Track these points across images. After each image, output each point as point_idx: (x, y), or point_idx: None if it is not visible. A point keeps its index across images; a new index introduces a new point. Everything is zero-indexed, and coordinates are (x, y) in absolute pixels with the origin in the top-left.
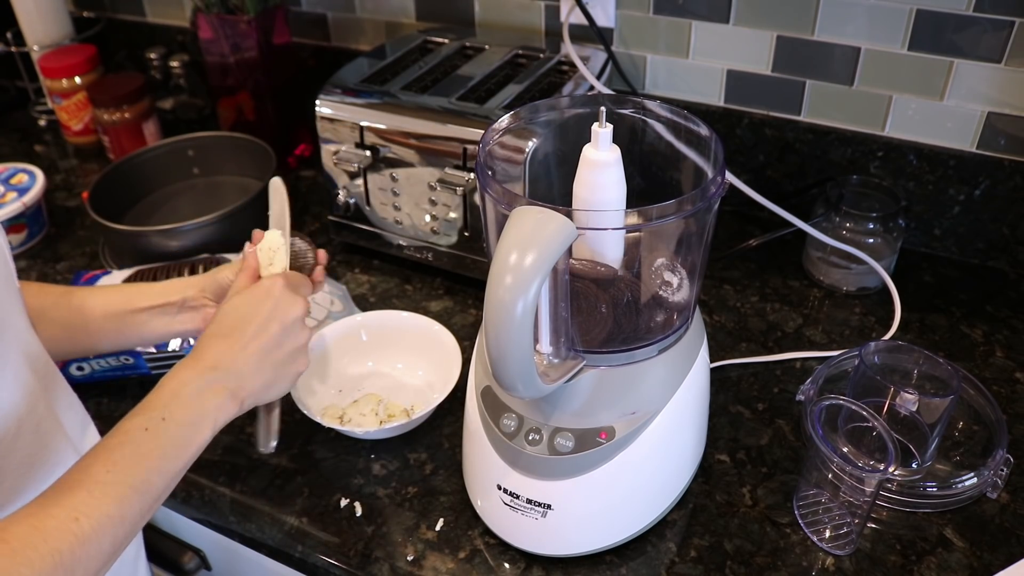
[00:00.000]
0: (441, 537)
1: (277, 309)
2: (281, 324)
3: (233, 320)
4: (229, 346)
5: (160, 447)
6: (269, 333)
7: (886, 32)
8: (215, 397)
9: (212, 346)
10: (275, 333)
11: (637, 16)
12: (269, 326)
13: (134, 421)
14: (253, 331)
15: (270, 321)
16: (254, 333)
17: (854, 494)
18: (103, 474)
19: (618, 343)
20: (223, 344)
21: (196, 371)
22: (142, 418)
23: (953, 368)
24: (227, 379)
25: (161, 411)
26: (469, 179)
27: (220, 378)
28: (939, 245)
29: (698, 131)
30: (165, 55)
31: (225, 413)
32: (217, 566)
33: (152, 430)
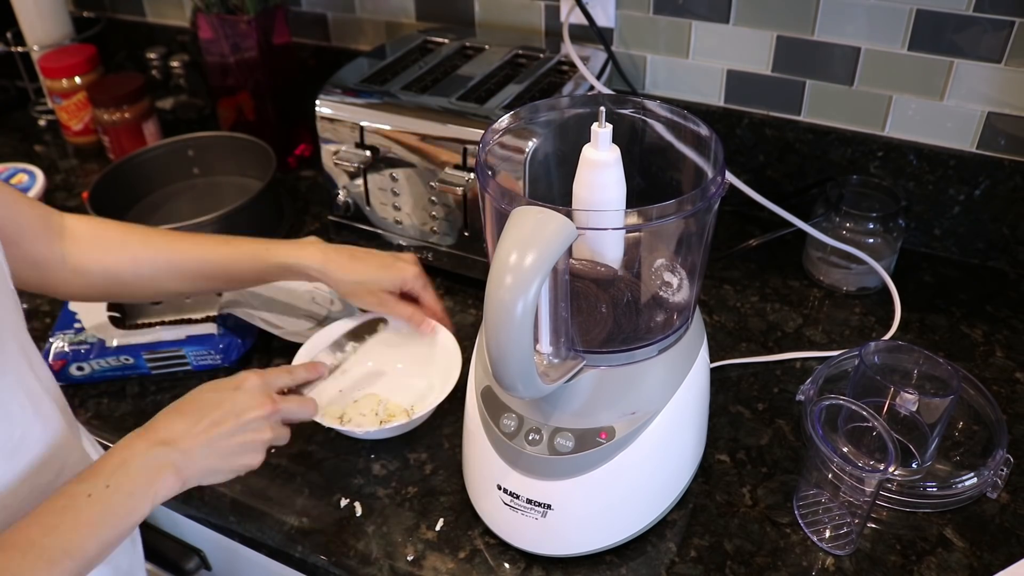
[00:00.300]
0: (441, 537)
1: (238, 404)
2: (237, 419)
3: (197, 404)
4: (184, 426)
5: (99, 515)
6: (225, 425)
7: (886, 32)
8: (160, 471)
9: (169, 422)
10: (230, 426)
11: (637, 16)
12: (226, 419)
13: (80, 486)
14: (211, 420)
15: (228, 415)
16: (211, 422)
17: (854, 494)
18: (40, 537)
19: (618, 343)
20: (179, 423)
21: (147, 443)
22: (88, 484)
23: (953, 368)
24: (174, 456)
25: (106, 478)
26: (469, 179)
27: (168, 454)
28: (939, 245)
29: (698, 131)
30: (165, 55)
31: (166, 488)
32: (217, 566)
33: (95, 497)
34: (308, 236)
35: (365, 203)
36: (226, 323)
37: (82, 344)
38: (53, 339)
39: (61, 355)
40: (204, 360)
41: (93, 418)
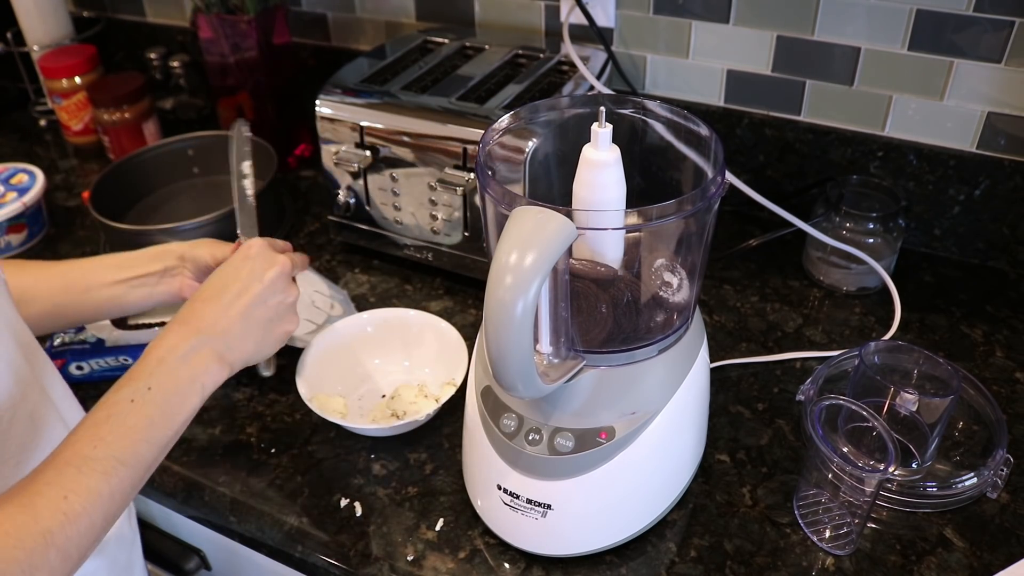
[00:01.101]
0: (441, 537)
1: (256, 268)
2: (261, 282)
3: (215, 284)
4: (212, 309)
5: (147, 417)
6: (251, 292)
7: (886, 32)
8: (202, 362)
9: (196, 310)
10: (257, 291)
11: (637, 16)
12: (251, 285)
13: (120, 393)
14: (235, 292)
15: (252, 280)
16: (236, 293)
17: (854, 494)
18: (90, 450)
19: (618, 343)
20: (207, 307)
21: (181, 335)
22: (128, 389)
23: (953, 368)
24: (214, 342)
25: (147, 380)
26: (469, 179)
27: (206, 341)
28: (939, 245)
29: (698, 131)
30: (165, 55)
31: (213, 378)
32: (217, 566)
33: (138, 401)
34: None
35: (365, 203)
36: None
37: (82, 343)
38: (53, 338)
39: (61, 354)
40: None
41: None
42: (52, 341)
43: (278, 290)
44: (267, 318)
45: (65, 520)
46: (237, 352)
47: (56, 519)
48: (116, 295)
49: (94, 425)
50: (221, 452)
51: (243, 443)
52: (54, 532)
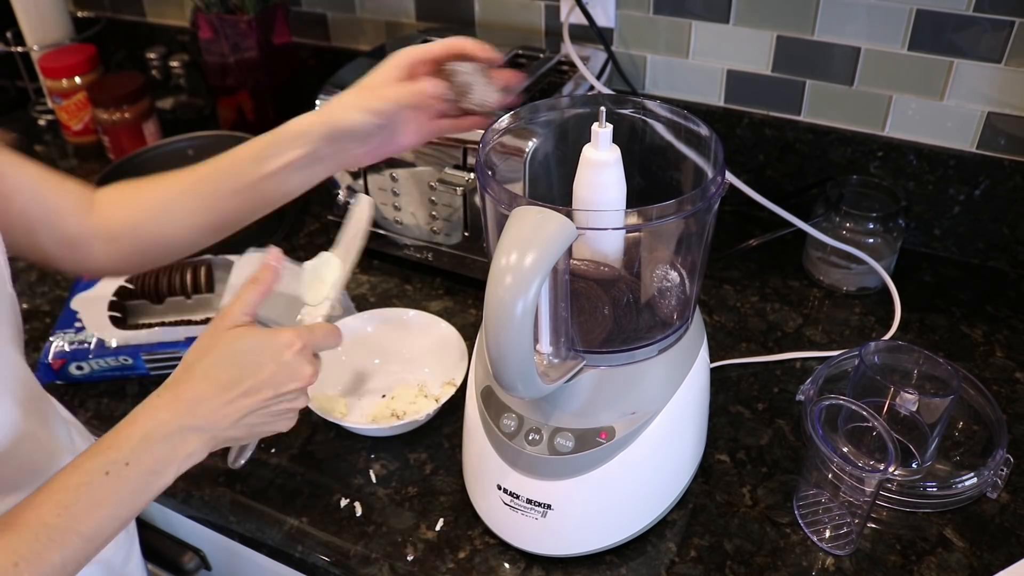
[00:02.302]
0: (441, 537)
1: (279, 376)
2: (275, 392)
3: (233, 364)
4: (215, 395)
5: (117, 494)
6: (261, 396)
7: (886, 32)
8: (186, 448)
9: (199, 388)
10: (266, 398)
11: (637, 16)
12: (263, 390)
13: (97, 460)
14: (245, 389)
15: (265, 386)
16: (245, 391)
17: (854, 494)
18: (53, 517)
19: (618, 343)
20: (210, 391)
21: (174, 413)
22: (104, 458)
23: (953, 368)
24: (204, 430)
25: (127, 454)
26: (469, 179)
27: (196, 427)
28: (939, 245)
29: (698, 131)
30: (165, 55)
31: (191, 461)
32: (217, 566)
33: (113, 475)
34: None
35: None
36: None
37: (82, 343)
38: (53, 338)
39: (61, 354)
40: None
41: (93, 418)
42: (52, 341)
43: (286, 400)
44: (263, 420)
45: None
46: (222, 440)
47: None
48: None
49: (63, 490)
50: (221, 452)
51: None
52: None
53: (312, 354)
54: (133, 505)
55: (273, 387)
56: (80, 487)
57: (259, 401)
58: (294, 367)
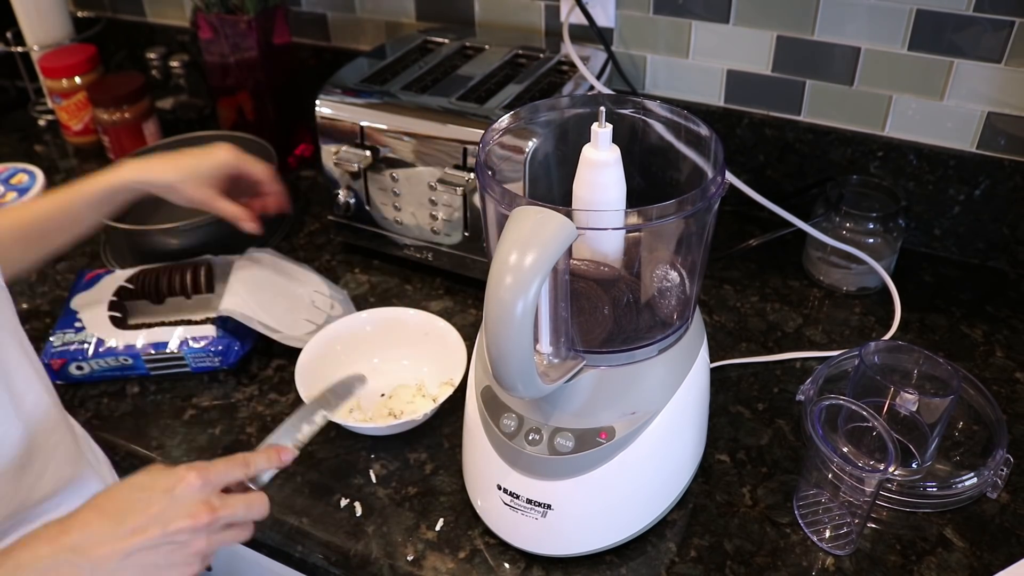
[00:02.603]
0: (441, 537)
1: (167, 512)
2: (163, 530)
3: (122, 503)
4: (101, 530)
5: None
6: (148, 535)
7: (886, 32)
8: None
9: (85, 523)
10: (153, 537)
11: (637, 16)
12: (150, 527)
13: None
14: (132, 526)
15: (153, 523)
16: (132, 528)
17: (854, 494)
18: None
19: (618, 343)
20: (96, 525)
21: (54, 548)
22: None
23: (953, 368)
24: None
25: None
26: (469, 179)
27: (74, 562)
28: (939, 245)
29: (698, 131)
30: (165, 55)
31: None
32: (217, 566)
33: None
34: None
35: (365, 203)
36: (225, 325)
37: (82, 343)
38: (53, 338)
39: (61, 354)
40: (203, 362)
41: (93, 418)
42: (52, 341)
43: (176, 542)
44: (151, 563)
45: None
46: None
47: None
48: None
49: None
50: (221, 452)
51: (243, 443)
52: None
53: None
54: None
55: (160, 524)
56: None
57: (146, 539)
58: (184, 504)
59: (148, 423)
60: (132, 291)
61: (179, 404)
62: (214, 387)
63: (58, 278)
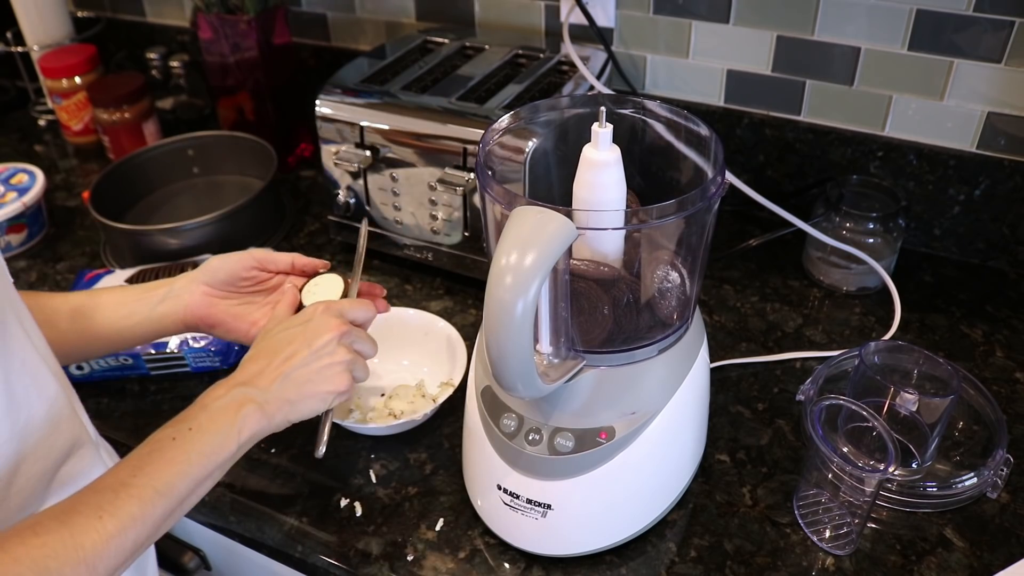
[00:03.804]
0: (441, 537)
1: (307, 334)
2: (309, 346)
3: (269, 345)
4: (260, 367)
5: (185, 453)
6: (298, 356)
7: (886, 32)
8: (241, 409)
9: (246, 367)
10: (304, 356)
11: (637, 16)
12: (299, 350)
13: (165, 431)
14: (284, 355)
15: (301, 346)
16: (284, 357)
17: (854, 494)
18: (129, 477)
19: (618, 343)
20: (255, 365)
21: (227, 387)
22: (172, 429)
23: (953, 368)
24: (253, 394)
25: (190, 422)
26: (469, 179)
27: (247, 392)
28: (939, 245)
29: (698, 131)
30: (165, 55)
31: (250, 425)
32: (217, 566)
33: (179, 439)
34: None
35: (365, 203)
36: None
37: None
38: None
39: None
40: (202, 362)
41: (93, 418)
42: None
43: (325, 354)
44: (306, 379)
45: (98, 538)
46: (275, 405)
47: (90, 536)
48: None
49: (137, 458)
50: None
51: None
52: (86, 547)
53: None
54: (201, 466)
55: (306, 345)
56: (152, 452)
57: (298, 360)
58: (320, 323)
59: (148, 423)
60: None
61: (179, 404)
62: None
63: (58, 278)
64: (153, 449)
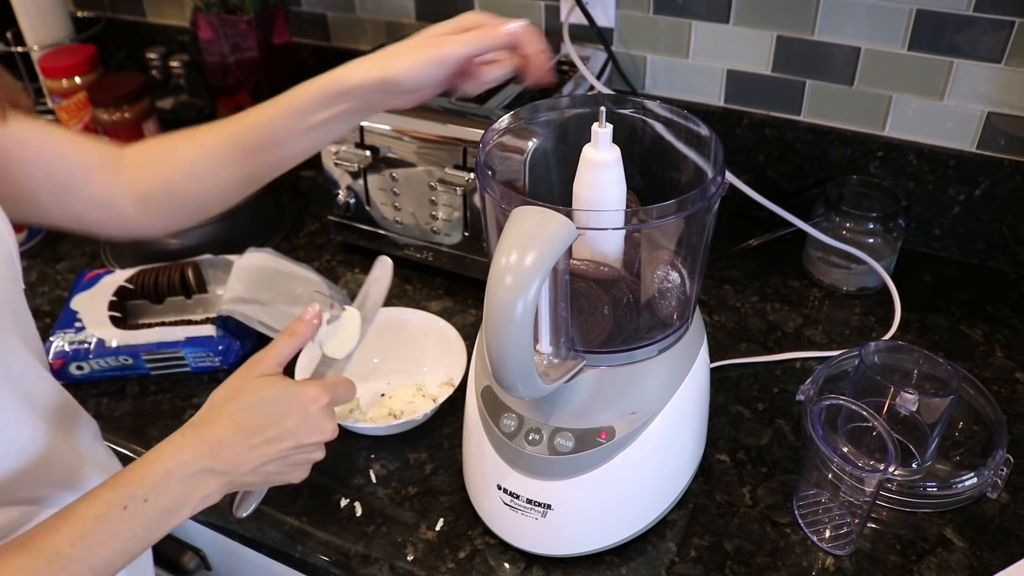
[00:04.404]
0: (441, 537)
1: (302, 428)
2: (297, 443)
3: (260, 413)
4: (239, 439)
5: (132, 529)
6: (281, 446)
7: (886, 32)
8: (204, 488)
9: (224, 432)
10: (287, 448)
11: (637, 16)
12: (284, 440)
13: (117, 494)
14: (269, 437)
15: (288, 436)
16: (268, 439)
17: (854, 494)
18: (68, 546)
19: (618, 343)
20: (234, 435)
21: (196, 454)
22: (125, 493)
23: (953, 368)
24: (223, 471)
25: (147, 491)
26: (469, 179)
27: (217, 468)
28: (939, 245)
29: (698, 131)
30: (165, 55)
31: (208, 501)
32: (217, 566)
33: (131, 510)
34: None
35: (365, 203)
36: (226, 325)
37: (82, 343)
38: (53, 338)
39: (61, 354)
40: (203, 362)
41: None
42: (52, 341)
43: (306, 451)
44: (278, 471)
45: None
46: (238, 484)
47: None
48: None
49: (80, 520)
50: None
51: None
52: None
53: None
54: (145, 540)
55: (296, 438)
56: (97, 519)
57: (281, 450)
58: (318, 421)
59: (148, 423)
60: (132, 291)
61: (179, 404)
62: (214, 387)
63: (58, 278)
64: (101, 515)
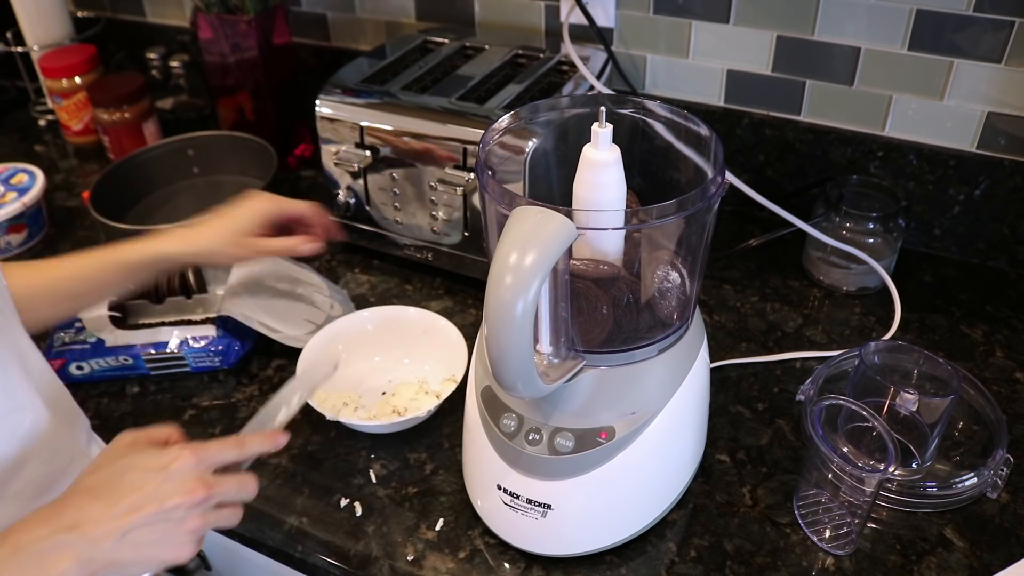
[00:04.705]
0: (441, 537)
1: (162, 489)
2: (159, 507)
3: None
4: (97, 508)
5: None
6: (143, 512)
7: (886, 32)
8: (58, 563)
9: (80, 504)
10: (149, 514)
11: (637, 16)
12: (145, 505)
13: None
14: (128, 504)
15: (149, 500)
16: (128, 507)
17: (854, 494)
18: None
19: (618, 343)
20: (92, 505)
21: (50, 529)
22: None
23: (953, 368)
24: (80, 548)
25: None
26: (469, 179)
27: (73, 542)
28: (939, 245)
29: (698, 131)
30: (165, 55)
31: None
32: (217, 566)
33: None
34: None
35: (365, 203)
36: (225, 325)
37: (82, 343)
38: (53, 338)
39: (61, 354)
40: (203, 362)
41: (93, 418)
42: (52, 341)
43: (173, 519)
44: (147, 541)
45: None
46: (100, 564)
47: None
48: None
49: None
50: None
51: None
52: None
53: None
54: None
55: (157, 501)
56: None
57: (144, 516)
58: (180, 480)
59: (148, 423)
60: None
61: (179, 404)
62: (214, 387)
63: None
64: None
